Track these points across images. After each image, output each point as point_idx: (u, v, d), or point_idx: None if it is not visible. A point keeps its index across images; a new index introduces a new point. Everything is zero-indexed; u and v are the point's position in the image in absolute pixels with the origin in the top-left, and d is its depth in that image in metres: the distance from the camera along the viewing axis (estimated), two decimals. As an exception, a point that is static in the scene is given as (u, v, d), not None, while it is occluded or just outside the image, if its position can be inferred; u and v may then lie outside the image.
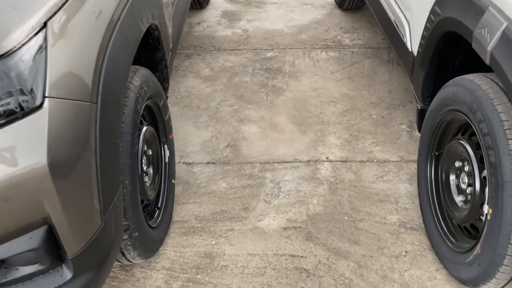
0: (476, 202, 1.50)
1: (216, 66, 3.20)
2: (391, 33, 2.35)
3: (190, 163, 2.38)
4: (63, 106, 1.04)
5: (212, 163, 2.37)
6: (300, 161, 2.36)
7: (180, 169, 2.32)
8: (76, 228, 1.12)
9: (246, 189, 2.20)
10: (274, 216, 2.04)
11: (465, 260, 1.52)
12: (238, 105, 2.79)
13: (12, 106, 0.97)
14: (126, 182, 1.42)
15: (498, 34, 1.23)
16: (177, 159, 2.37)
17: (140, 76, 1.62)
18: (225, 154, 2.42)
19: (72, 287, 1.17)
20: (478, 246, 1.42)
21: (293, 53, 3.31)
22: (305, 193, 2.16)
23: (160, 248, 1.89)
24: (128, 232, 1.47)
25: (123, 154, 1.38)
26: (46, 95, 1.00)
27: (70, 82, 1.08)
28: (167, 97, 2.09)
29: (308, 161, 2.36)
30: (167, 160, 2.01)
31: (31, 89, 0.99)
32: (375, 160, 2.34)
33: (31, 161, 0.99)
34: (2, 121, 0.96)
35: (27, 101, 1.00)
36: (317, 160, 2.36)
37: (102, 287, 1.73)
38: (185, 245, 1.92)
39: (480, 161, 1.48)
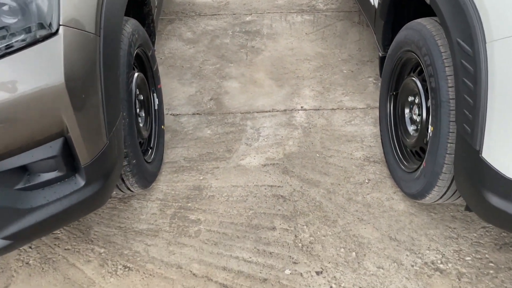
0: (423, 127, 1.77)
1: (198, 29, 3.40)
2: (357, -8, 2.58)
3: (177, 114, 2.60)
4: (74, 34, 1.25)
5: (197, 114, 2.60)
6: (277, 110, 2.60)
7: (168, 120, 2.54)
8: (87, 141, 1.34)
9: (229, 135, 2.44)
10: (255, 156, 2.29)
11: (414, 176, 1.80)
12: (220, 64, 3.00)
13: (33, 31, 1.17)
14: (124, 114, 1.64)
15: (435, -23, 1.47)
16: (165, 111, 2.59)
17: (131, 24, 1.82)
18: (209, 106, 2.65)
19: (84, 193, 1.40)
20: (424, 161, 1.70)
21: (270, 17, 3.52)
22: (282, 137, 2.41)
23: (154, 184, 2.12)
24: (127, 158, 1.69)
25: (121, 88, 1.60)
26: (61, 23, 1.21)
27: (79, 16, 1.28)
28: (154, 50, 2.29)
29: (285, 110, 2.60)
30: (156, 107, 2.23)
31: (49, 19, 1.20)
32: (344, 108, 2.60)
33: (51, 79, 1.20)
34: (25, 44, 1.17)
35: (44, 29, 1.20)
36: (292, 109, 2.60)
37: (102, 214, 1.97)
38: (176, 180, 2.16)
39: (426, 92, 1.75)
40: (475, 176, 1.39)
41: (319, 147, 2.34)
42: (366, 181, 2.12)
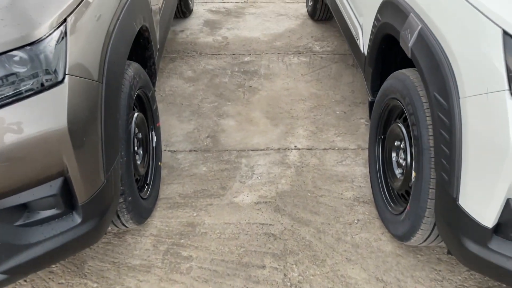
0: (408, 171, 1.85)
1: (198, 68, 3.54)
2: (349, 38, 2.73)
3: (175, 151, 2.68)
4: (79, 82, 1.35)
5: (194, 150, 2.69)
6: (271, 149, 2.69)
7: (165, 156, 2.63)
8: (86, 181, 1.42)
9: (224, 172, 2.51)
10: (248, 193, 2.36)
11: (400, 219, 1.86)
12: (218, 102, 3.12)
13: (41, 81, 1.27)
14: (122, 153, 1.72)
15: (415, 34, 1.59)
16: (162, 147, 2.68)
17: (133, 68, 1.94)
18: (205, 143, 2.74)
19: (80, 230, 1.46)
20: (408, 204, 1.77)
21: (268, 58, 3.67)
22: (275, 175, 2.49)
23: (148, 219, 2.18)
24: (123, 196, 1.77)
25: (120, 129, 1.69)
26: (66, 72, 1.31)
27: (83, 64, 1.39)
28: (154, 91, 2.40)
29: (279, 149, 2.69)
30: (154, 145, 2.32)
31: (55, 69, 1.30)
32: (336, 148, 2.69)
33: (55, 124, 1.29)
34: (33, 92, 1.27)
35: (51, 78, 1.31)
36: (286, 148, 2.69)
37: (97, 249, 2.02)
38: (170, 216, 2.22)
39: (410, 138, 1.84)
40: (453, 222, 1.46)
41: (310, 186, 2.41)
42: (356, 221, 2.18)
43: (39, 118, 1.28)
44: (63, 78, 1.31)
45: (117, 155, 1.63)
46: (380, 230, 2.13)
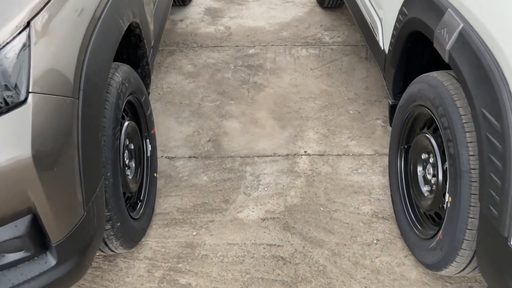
0: (439, 191, 1.60)
1: (199, 62, 3.27)
2: (366, 31, 2.45)
3: (173, 157, 2.44)
4: (46, 101, 1.10)
5: (194, 157, 2.44)
6: (279, 155, 2.44)
7: (162, 163, 2.38)
8: (60, 217, 1.18)
9: (226, 182, 2.27)
10: (253, 208, 2.12)
11: (429, 245, 1.62)
12: (220, 101, 2.86)
13: (-2, 100, 1.03)
14: (108, 174, 1.48)
15: (455, 34, 1.32)
16: (159, 153, 2.43)
17: (121, 72, 1.68)
18: (206, 149, 2.49)
19: (56, 273, 1.23)
20: (440, 232, 1.53)
21: (274, 50, 3.39)
22: (283, 186, 2.24)
23: (143, 239, 1.95)
24: (111, 222, 1.53)
25: (105, 147, 1.44)
26: (30, 90, 1.06)
27: (53, 78, 1.14)
28: (148, 93, 2.15)
29: (287, 155, 2.44)
30: (149, 154, 2.07)
31: (15, 85, 1.05)
32: (350, 154, 2.43)
33: (16, 153, 1.05)
34: (-13, 115, 1.02)
35: (11, 96, 1.06)
36: (295, 154, 2.44)
37: (85, 275, 1.80)
38: (167, 236, 1.99)
39: (443, 153, 1.58)
40: (500, 263, 1.21)
41: (323, 199, 2.16)
42: (375, 241, 1.94)
43: (-4, 147, 1.03)
44: (26, 98, 1.06)
45: (101, 179, 1.39)
46: (402, 252, 1.89)
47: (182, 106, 2.83)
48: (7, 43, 1.04)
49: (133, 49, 1.98)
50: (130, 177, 1.82)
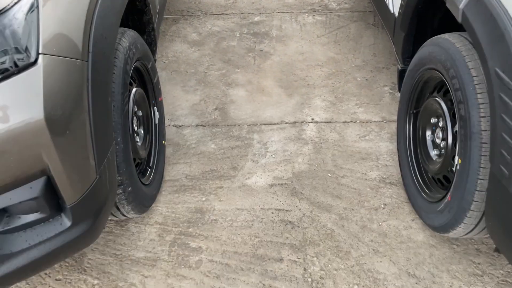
0: (448, 155, 1.60)
1: (204, 30, 3.22)
2: (374, -4, 2.39)
3: (180, 126, 2.44)
4: (56, 63, 1.09)
5: (201, 125, 2.44)
6: (286, 123, 2.44)
7: (170, 132, 2.39)
8: (73, 179, 1.20)
9: (234, 150, 2.28)
10: (261, 174, 2.14)
11: (437, 208, 1.63)
12: (226, 69, 2.83)
13: (8, 62, 1.02)
14: (118, 139, 1.49)
15: (469, -8, 1.29)
16: (167, 122, 2.44)
17: (128, 37, 1.66)
18: (213, 117, 2.49)
19: (71, 234, 1.26)
20: (449, 194, 1.54)
21: (280, 17, 3.33)
22: (290, 153, 2.25)
23: (153, 205, 1.98)
24: (122, 186, 1.55)
25: (115, 112, 1.44)
26: (40, 52, 1.05)
27: (62, 40, 1.13)
28: (155, 60, 2.13)
29: (294, 122, 2.44)
30: (157, 122, 2.08)
31: (26, 47, 1.05)
32: (358, 121, 2.42)
33: (29, 115, 1.05)
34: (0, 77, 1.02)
35: (22, 59, 1.05)
36: (302, 122, 2.44)
37: (97, 240, 1.84)
38: (177, 201, 2.01)
39: (453, 116, 1.58)
40: (509, 222, 1.22)
41: (330, 165, 2.17)
42: (382, 206, 1.96)
43: (9, 109, 1.04)
44: (36, 59, 1.05)
45: (112, 144, 1.40)
46: (410, 216, 1.91)
47: (188, 75, 2.81)
48: (15, 3, 1.02)
49: (138, 15, 1.95)
50: (139, 143, 1.83)
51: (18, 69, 1.03)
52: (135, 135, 1.78)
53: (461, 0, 1.33)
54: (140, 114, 1.87)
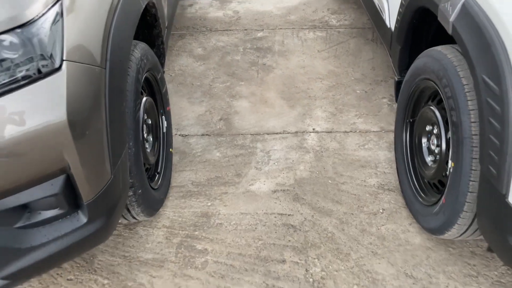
0: (442, 160, 1.69)
1: (209, 45, 3.35)
2: (372, 11, 2.51)
3: (186, 135, 2.54)
4: (78, 69, 1.19)
5: (206, 135, 2.54)
6: (288, 132, 2.53)
7: (176, 141, 2.48)
8: (91, 178, 1.29)
9: (238, 158, 2.37)
10: (264, 181, 2.22)
11: (432, 211, 1.71)
12: (230, 82, 2.94)
13: (35, 68, 1.12)
14: (130, 143, 1.58)
15: (458, 7, 1.39)
16: (173, 131, 2.53)
17: (140, 49, 1.77)
18: (218, 127, 2.59)
19: (86, 230, 1.34)
20: (443, 197, 1.62)
21: (282, 33, 3.46)
22: (292, 161, 2.34)
23: (160, 210, 2.06)
24: (133, 189, 1.64)
25: (127, 118, 1.54)
26: (64, 58, 1.15)
27: (83, 48, 1.23)
28: (163, 72, 2.24)
29: (296, 132, 2.53)
30: (165, 130, 2.17)
31: (51, 54, 1.15)
32: (357, 131, 2.52)
33: (53, 117, 1.15)
34: (26, 81, 1.12)
35: (46, 65, 1.15)
36: (304, 131, 2.53)
37: (107, 242, 1.91)
38: (183, 206, 2.10)
39: (446, 123, 1.67)
40: (499, 220, 1.30)
41: (331, 172, 2.26)
42: (381, 211, 2.04)
43: (34, 110, 1.14)
44: (61, 65, 1.15)
45: (125, 147, 1.49)
46: (407, 220, 1.98)
47: (194, 87, 2.92)
48: (43, 15, 1.13)
49: (149, 29, 2.07)
50: (148, 150, 1.92)
51: (44, 74, 1.13)
52: (145, 141, 1.88)
53: (451, 14, 1.44)
54: (150, 122, 1.97)
